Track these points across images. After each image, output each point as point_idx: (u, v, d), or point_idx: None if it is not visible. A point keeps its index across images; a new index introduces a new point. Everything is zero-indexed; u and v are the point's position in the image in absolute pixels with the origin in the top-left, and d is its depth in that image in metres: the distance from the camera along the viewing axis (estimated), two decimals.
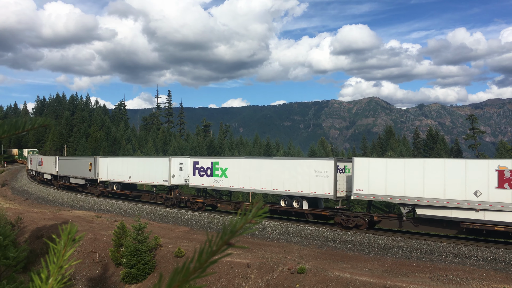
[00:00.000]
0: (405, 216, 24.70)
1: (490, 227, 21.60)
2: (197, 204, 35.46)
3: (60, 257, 1.11)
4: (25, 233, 30.37)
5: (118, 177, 43.48)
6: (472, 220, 22.09)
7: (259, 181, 30.81)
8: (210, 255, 0.90)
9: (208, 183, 34.47)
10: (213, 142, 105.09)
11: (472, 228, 22.23)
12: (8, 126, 1.61)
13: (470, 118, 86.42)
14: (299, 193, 28.65)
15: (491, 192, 21.46)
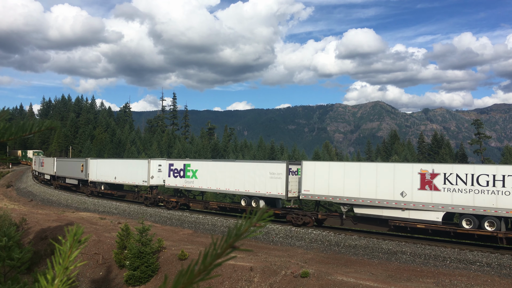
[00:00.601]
0: (345, 215, 27.22)
1: (413, 224, 23.99)
2: (171, 203, 38.10)
3: (66, 258, 1.13)
4: (29, 234, 30.49)
5: (105, 178, 46.18)
6: (398, 218, 24.58)
7: (224, 182, 33.51)
8: (215, 258, 0.91)
9: (181, 184, 37.23)
10: (217, 145, 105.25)
11: (398, 225, 24.66)
12: (15, 128, 1.63)
13: (476, 123, 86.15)
14: (257, 193, 31.27)
15: (415, 193, 23.87)
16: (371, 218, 26.08)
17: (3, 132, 1.70)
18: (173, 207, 37.91)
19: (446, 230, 23.31)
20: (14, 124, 1.73)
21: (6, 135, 1.73)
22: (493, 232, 21.56)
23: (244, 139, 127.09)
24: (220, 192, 35.13)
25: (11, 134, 1.70)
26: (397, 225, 24.69)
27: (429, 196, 23.46)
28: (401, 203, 24.25)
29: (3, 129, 1.70)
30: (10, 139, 1.78)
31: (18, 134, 1.71)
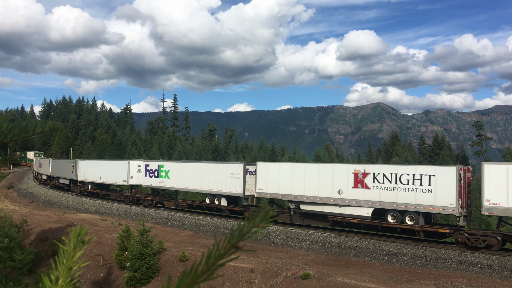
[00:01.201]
0: (293, 211, 29.96)
1: (348, 219, 26.55)
2: (147, 201, 41.08)
3: (69, 258, 1.13)
4: (30, 236, 30.49)
5: (92, 178, 48.92)
6: (336, 214, 27.12)
7: (192, 182, 36.34)
8: (218, 258, 0.92)
9: (156, 183, 40.21)
10: (218, 146, 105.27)
11: (336, 220, 27.24)
12: (18, 129, 1.64)
13: (477, 125, 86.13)
14: (219, 192, 34.08)
15: (349, 191, 26.46)
16: (315, 214, 28.61)
17: (6, 133, 1.71)
18: (149, 205, 40.68)
19: (374, 224, 25.60)
20: (17, 125, 1.74)
21: (9, 136, 1.74)
22: (412, 226, 24.02)
23: (244, 140, 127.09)
24: (189, 191, 38.32)
25: (14, 135, 1.71)
26: (335, 220, 27.26)
27: (361, 194, 25.98)
28: (338, 200, 26.92)
29: (6, 130, 1.71)
30: (13, 140, 1.78)
31: (21, 135, 1.72)
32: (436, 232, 23.89)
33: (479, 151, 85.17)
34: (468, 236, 22.51)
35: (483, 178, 22.80)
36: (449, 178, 23.11)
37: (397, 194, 24.56)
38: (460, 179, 22.91)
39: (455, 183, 22.72)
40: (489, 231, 23.65)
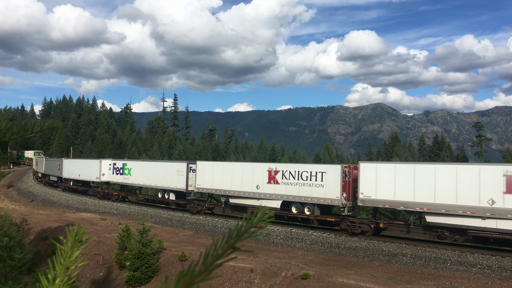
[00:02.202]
0: (224, 204, 34.41)
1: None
2: (114, 196, 46.05)
3: (67, 258, 1.13)
4: (30, 235, 30.49)
5: (73, 175, 53.52)
6: (254, 206, 30.57)
7: (148, 178, 41.05)
8: (216, 259, 0.91)
9: (120, 180, 45.12)
10: (218, 146, 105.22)
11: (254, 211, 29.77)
12: (17, 128, 1.63)
13: (477, 125, 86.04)
14: (168, 188, 38.65)
15: (264, 186, 30.85)
16: (240, 206, 33.13)
17: (5, 132, 1.70)
18: (116, 199, 45.75)
19: (282, 215, 29.80)
20: (16, 124, 1.74)
21: (7, 135, 1.73)
22: (308, 216, 28.42)
23: (245, 140, 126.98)
24: (146, 186, 43.07)
25: (12, 133, 1.71)
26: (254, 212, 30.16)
27: (273, 188, 30.41)
28: (256, 194, 31.36)
29: (5, 128, 1.71)
30: (12, 139, 1.78)
31: (19, 133, 1.71)
32: (325, 220, 28.11)
33: (479, 152, 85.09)
34: (349, 224, 26.67)
35: (359, 175, 26.53)
36: (335, 175, 27.11)
37: (299, 189, 28.94)
38: (345, 176, 27.06)
39: (340, 179, 26.85)
40: (366, 219, 28.02)
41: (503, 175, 21.69)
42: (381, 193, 25.43)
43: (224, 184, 33.64)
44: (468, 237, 22.86)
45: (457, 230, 23.28)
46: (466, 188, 22.59)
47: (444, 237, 23.83)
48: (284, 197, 29.78)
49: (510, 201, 21.37)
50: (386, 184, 25.26)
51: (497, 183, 21.75)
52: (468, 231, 22.60)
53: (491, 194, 21.83)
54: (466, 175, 22.74)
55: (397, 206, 25.57)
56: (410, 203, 24.36)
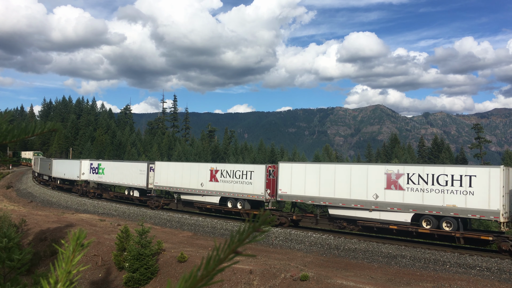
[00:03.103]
0: (176, 200, 38.58)
1: (205, 205, 35.21)
2: (91, 193, 50.08)
3: (68, 262, 1.12)
4: (29, 236, 30.45)
5: (60, 174, 57.39)
6: (199, 201, 35.62)
7: (117, 177, 45.01)
8: (218, 263, 0.91)
9: (96, 179, 49.39)
10: (217, 147, 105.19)
11: (199, 206, 35.87)
12: (18, 130, 1.63)
13: (476, 127, 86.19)
14: (133, 185, 42.86)
15: (207, 183, 34.68)
16: (189, 202, 36.94)
17: (6, 134, 1.70)
18: (92, 196, 49.69)
19: (219, 209, 34.15)
20: (17, 126, 1.74)
21: (8, 137, 1.73)
22: (239, 210, 32.50)
23: (244, 141, 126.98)
24: (115, 184, 46.91)
25: (13, 136, 1.71)
26: (199, 206, 36.00)
27: (214, 186, 34.18)
28: (201, 191, 35.21)
29: (6, 131, 1.71)
30: (13, 141, 1.78)
31: (20, 136, 1.71)
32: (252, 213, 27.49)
33: (478, 154, 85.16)
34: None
35: (278, 173, 30.23)
36: (261, 174, 30.88)
37: (233, 186, 32.80)
38: (269, 174, 30.77)
39: (264, 177, 30.61)
40: (285, 213, 31.50)
41: (384, 173, 25.12)
42: (295, 189, 29.17)
43: (176, 182, 37.65)
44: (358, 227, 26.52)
45: (351, 221, 26.82)
46: (358, 184, 26.09)
47: (343, 227, 27.51)
48: (222, 193, 33.68)
49: (390, 195, 24.86)
50: (299, 182, 28.93)
51: (380, 180, 25.20)
52: (358, 221, 26.21)
53: (375, 189, 25.36)
54: (357, 173, 26.20)
55: (306, 200, 29.32)
56: (316, 197, 28.06)
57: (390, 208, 24.72)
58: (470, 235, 22.56)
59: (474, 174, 22.33)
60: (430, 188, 23.58)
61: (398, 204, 24.53)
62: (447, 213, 22.93)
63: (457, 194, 22.69)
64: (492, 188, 21.67)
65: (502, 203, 21.37)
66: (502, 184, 21.49)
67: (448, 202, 22.94)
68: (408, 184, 24.34)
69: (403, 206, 24.37)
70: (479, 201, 21.97)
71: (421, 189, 23.90)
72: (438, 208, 23.21)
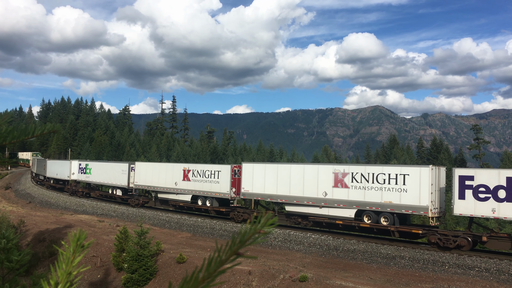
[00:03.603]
0: (154, 198, 40.78)
1: (179, 203, 37.89)
2: (80, 192, 52.47)
3: (68, 263, 1.12)
4: (27, 237, 30.40)
5: (53, 174, 59.86)
6: (173, 199, 38.25)
7: (102, 177, 47.70)
8: (219, 265, 0.91)
9: (84, 178, 51.96)
10: (216, 148, 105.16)
11: (173, 204, 38.64)
12: (17, 132, 1.63)
13: (475, 128, 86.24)
14: (116, 185, 45.25)
15: (181, 182, 37.03)
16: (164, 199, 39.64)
17: (6, 136, 1.70)
18: (81, 195, 52.15)
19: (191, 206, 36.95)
20: (17, 128, 1.73)
21: (8, 138, 1.73)
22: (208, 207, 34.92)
23: (243, 142, 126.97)
24: (101, 183, 49.36)
25: (13, 137, 1.70)
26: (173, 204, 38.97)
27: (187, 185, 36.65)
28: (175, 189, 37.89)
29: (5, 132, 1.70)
30: (13, 142, 1.78)
31: (20, 137, 1.71)
32: (219, 210, 34.44)
33: (477, 155, 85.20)
34: (236, 213, 32.91)
35: (242, 172, 32.27)
36: (227, 173, 33.20)
37: (203, 185, 34.92)
38: (234, 174, 33.02)
39: (230, 177, 32.93)
40: (248, 209, 33.19)
41: (332, 173, 27.06)
42: (256, 188, 31.30)
43: (154, 181, 40.14)
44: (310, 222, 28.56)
45: (305, 217, 28.86)
46: (310, 183, 28.14)
47: (297, 223, 29.51)
48: (193, 192, 35.91)
49: (336, 193, 26.80)
50: (259, 181, 31.13)
51: (329, 179, 27.18)
52: (309, 217, 28.34)
53: (324, 188, 27.34)
54: (310, 173, 28.25)
55: (265, 198, 31.22)
56: (274, 195, 30.26)
57: (337, 205, 26.83)
58: (403, 229, 24.49)
59: (407, 173, 24.24)
60: (371, 186, 25.54)
61: (343, 201, 26.60)
62: (385, 209, 24.82)
63: (393, 191, 24.57)
64: (422, 186, 23.50)
65: (431, 199, 23.20)
66: (431, 182, 23.35)
67: (386, 199, 24.85)
68: (352, 182, 26.32)
69: (348, 203, 26.44)
70: (411, 198, 23.82)
71: (363, 187, 25.88)
72: (377, 204, 25.15)
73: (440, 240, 23.16)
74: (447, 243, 22.89)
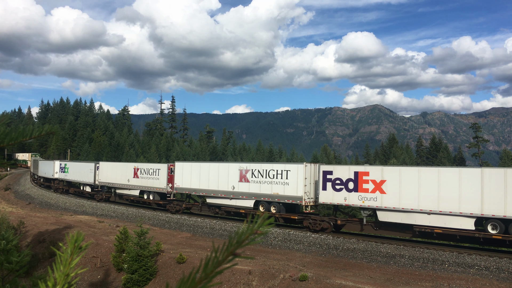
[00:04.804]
0: (113, 194, 46.98)
1: (130, 197, 43.89)
2: (60, 189, 58.16)
3: (66, 265, 1.12)
4: (27, 238, 30.37)
5: (42, 173, 65.24)
6: (126, 194, 44.27)
7: (76, 175, 53.54)
8: (216, 265, 0.91)
9: (63, 177, 57.41)
10: (216, 148, 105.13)
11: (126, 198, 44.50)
12: (16, 133, 1.63)
13: (474, 127, 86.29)
14: (85, 182, 50.87)
15: (131, 179, 42.82)
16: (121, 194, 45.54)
17: (3, 137, 1.70)
18: (62, 192, 57.62)
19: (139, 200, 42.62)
20: (15, 129, 1.73)
21: (6, 140, 1.73)
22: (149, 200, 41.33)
23: (242, 142, 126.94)
24: (75, 181, 54.67)
25: (11, 139, 1.70)
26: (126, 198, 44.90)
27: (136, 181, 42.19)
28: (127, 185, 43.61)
29: (4, 134, 1.70)
30: (11, 144, 1.78)
31: (18, 139, 1.71)
32: (159, 203, 40.59)
33: (476, 153, 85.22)
34: (171, 205, 38.42)
35: (175, 170, 37.68)
36: (164, 171, 38.93)
37: (147, 181, 40.83)
38: (171, 171, 38.52)
39: (166, 174, 38.75)
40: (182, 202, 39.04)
41: (238, 170, 32.44)
42: (185, 183, 36.70)
43: (112, 178, 45.55)
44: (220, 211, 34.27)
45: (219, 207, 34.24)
46: (223, 179, 33.50)
47: (216, 213, 34.75)
48: (141, 187, 41.76)
49: (241, 186, 32.07)
50: (187, 177, 36.44)
51: (236, 175, 32.50)
52: (221, 207, 33.98)
53: (233, 182, 32.68)
54: (223, 170, 33.68)
55: (191, 192, 36.93)
56: (198, 189, 35.70)
57: (241, 197, 32.10)
58: (285, 216, 29.90)
59: (289, 169, 29.55)
60: (264, 181, 30.78)
61: (246, 193, 31.85)
62: (274, 199, 30.16)
63: (279, 185, 29.82)
64: (299, 179, 28.65)
65: (305, 191, 28.44)
66: (305, 177, 28.51)
67: (274, 191, 30.12)
68: (252, 177, 31.59)
69: (248, 195, 31.72)
70: (292, 190, 29.11)
71: (259, 181, 31.15)
72: (269, 195, 30.45)
73: (310, 223, 28.15)
74: (315, 226, 27.86)
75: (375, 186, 25.67)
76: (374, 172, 25.96)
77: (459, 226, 22.64)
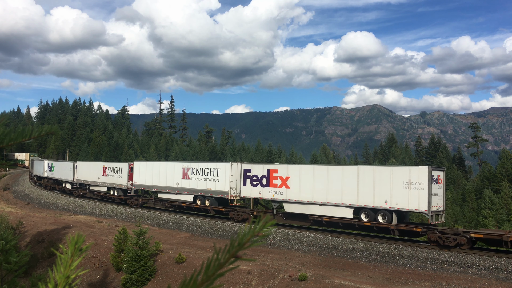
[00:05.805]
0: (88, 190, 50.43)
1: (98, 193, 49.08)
2: (48, 187, 62.02)
3: (67, 266, 1.12)
4: (26, 238, 30.33)
5: (36, 172, 69.52)
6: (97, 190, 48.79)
7: (59, 173, 57.45)
8: (218, 268, 0.91)
9: (50, 175, 61.30)
10: (215, 148, 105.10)
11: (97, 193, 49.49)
12: (15, 134, 1.62)
13: (473, 127, 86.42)
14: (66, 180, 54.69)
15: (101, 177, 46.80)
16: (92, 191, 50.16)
17: (3, 138, 1.69)
18: (50, 189, 61.43)
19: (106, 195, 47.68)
20: (14, 130, 1.73)
21: (5, 141, 1.72)
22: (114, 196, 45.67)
23: (242, 142, 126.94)
24: (58, 179, 58.53)
25: (10, 139, 1.70)
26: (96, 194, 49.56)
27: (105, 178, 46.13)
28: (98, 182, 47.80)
29: (3, 134, 1.70)
30: (10, 145, 1.77)
31: (17, 139, 1.70)
32: (121, 198, 44.53)
33: (475, 153, 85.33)
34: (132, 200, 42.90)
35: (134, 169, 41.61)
36: (125, 169, 42.73)
37: (113, 179, 44.63)
38: (131, 170, 42.00)
39: (127, 172, 42.44)
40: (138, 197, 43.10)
41: (182, 168, 36.47)
42: (141, 180, 40.64)
43: (86, 176, 49.89)
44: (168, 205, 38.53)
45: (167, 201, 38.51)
46: (170, 176, 37.43)
47: (165, 206, 38.92)
48: (108, 184, 45.95)
49: (183, 183, 36.11)
50: (143, 175, 40.34)
51: (180, 173, 36.54)
52: (168, 201, 38.31)
53: (177, 179, 36.66)
54: (170, 168, 37.69)
55: (145, 188, 40.99)
56: (150, 185, 39.90)
57: (184, 192, 36.15)
58: (216, 208, 34.03)
59: (219, 167, 33.62)
60: (201, 178, 34.77)
61: (187, 189, 35.87)
62: (208, 194, 34.14)
63: (212, 181, 33.86)
64: (227, 176, 32.67)
65: (231, 186, 32.36)
66: (231, 174, 32.39)
67: (208, 187, 34.10)
68: (192, 175, 35.58)
69: (189, 190, 35.74)
70: (221, 185, 33.12)
71: (197, 178, 35.13)
72: (204, 191, 34.40)
73: (235, 215, 32.36)
74: (238, 217, 32.06)
75: (282, 182, 29.67)
76: (282, 169, 29.99)
77: (342, 215, 26.53)
